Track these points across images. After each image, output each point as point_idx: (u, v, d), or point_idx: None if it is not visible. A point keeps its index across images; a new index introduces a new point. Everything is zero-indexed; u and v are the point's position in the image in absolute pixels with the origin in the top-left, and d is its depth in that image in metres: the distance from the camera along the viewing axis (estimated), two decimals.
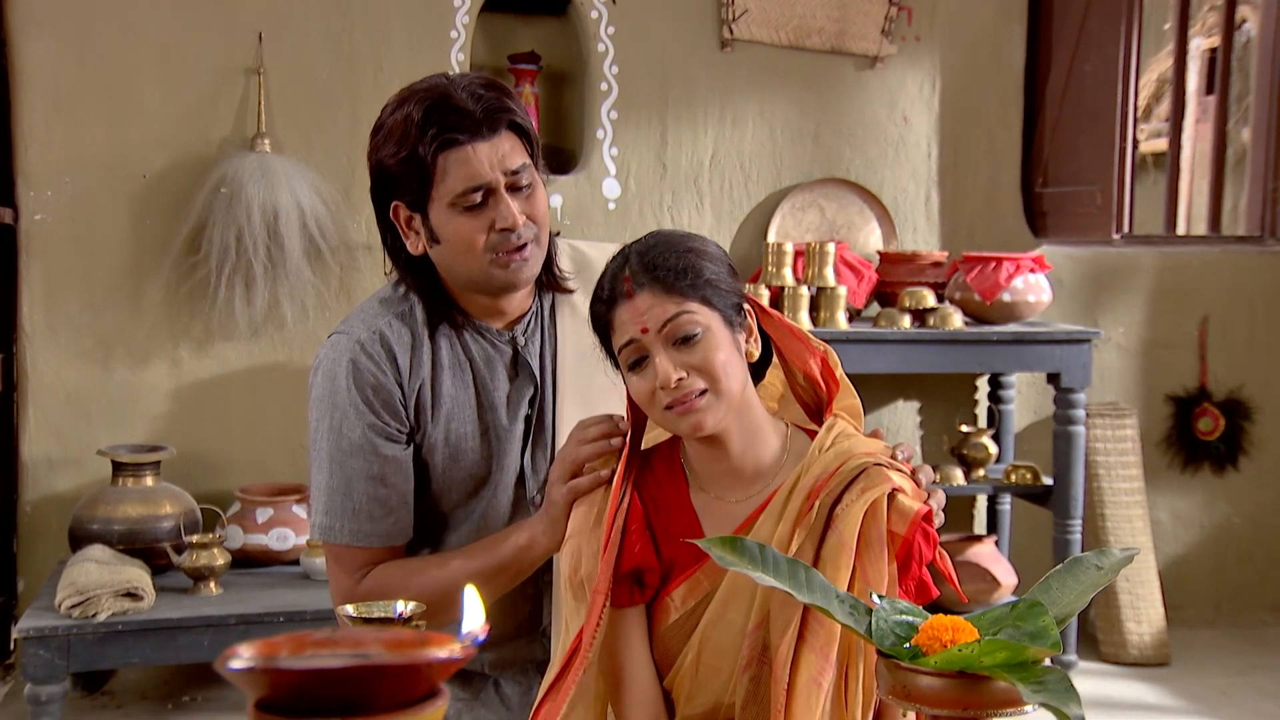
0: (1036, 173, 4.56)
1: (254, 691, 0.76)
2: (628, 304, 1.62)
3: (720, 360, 1.61)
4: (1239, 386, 4.73)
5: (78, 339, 3.90)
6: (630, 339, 1.62)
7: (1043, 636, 1.13)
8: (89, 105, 3.87)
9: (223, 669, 0.74)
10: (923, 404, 4.39)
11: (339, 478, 1.87)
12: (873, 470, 1.58)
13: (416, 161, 1.78)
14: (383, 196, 1.87)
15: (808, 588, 1.20)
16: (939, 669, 1.12)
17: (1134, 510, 4.47)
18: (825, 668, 1.55)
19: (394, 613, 1.45)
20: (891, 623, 1.19)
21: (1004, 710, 1.11)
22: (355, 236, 4.01)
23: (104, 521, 3.59)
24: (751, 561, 1.22)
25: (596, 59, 4.18)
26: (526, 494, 1.95)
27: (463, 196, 1.79)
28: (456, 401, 1.91)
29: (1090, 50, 4.36)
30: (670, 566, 1.68)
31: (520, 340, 1.95)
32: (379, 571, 1.91)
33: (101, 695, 3.89)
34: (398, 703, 0.75)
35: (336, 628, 1.43)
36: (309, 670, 0.72)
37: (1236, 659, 4.40)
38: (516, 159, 1.82)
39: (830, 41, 4.33)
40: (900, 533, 1.55)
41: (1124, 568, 1.23)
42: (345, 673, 0.73)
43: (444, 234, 1.83)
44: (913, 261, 4.14)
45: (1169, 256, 4.70)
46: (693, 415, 1.60)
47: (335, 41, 4.01)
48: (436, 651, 0.75)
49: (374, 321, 1.90)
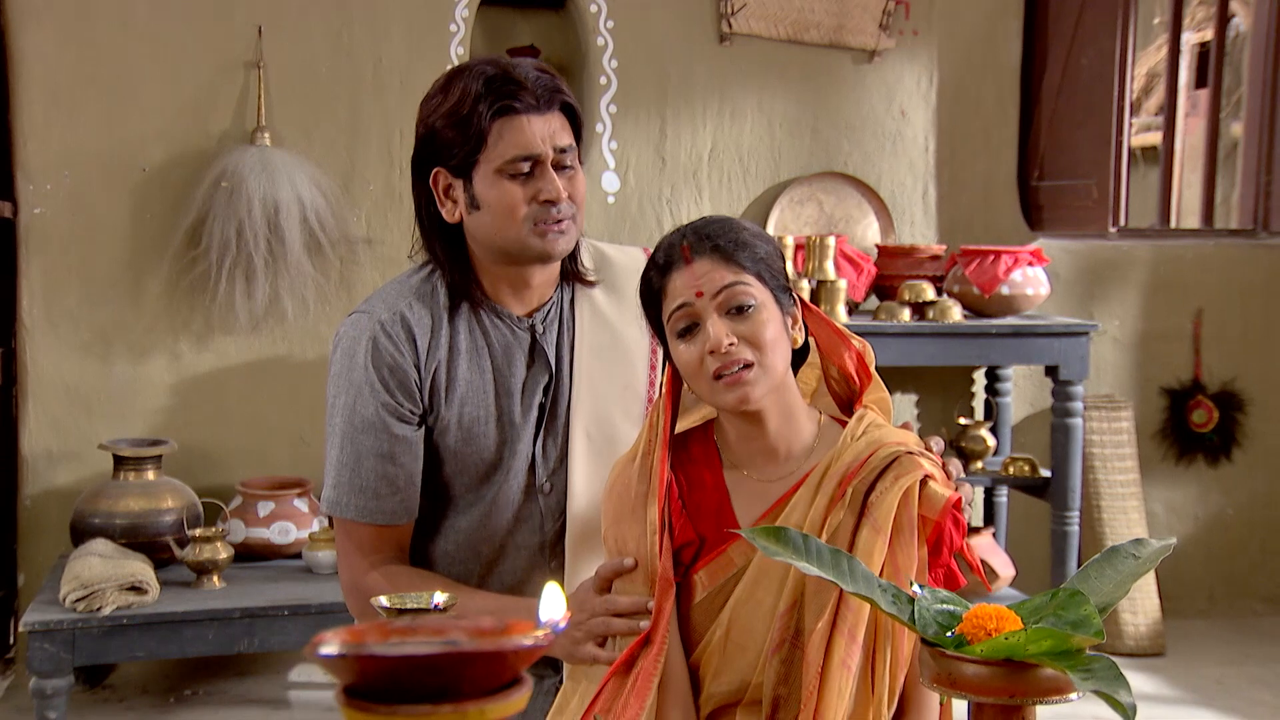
0: (1033, 166, 4.58)
1: (342, 677, 0.77)
2: (685, 269, 1.66)
3: (770, 335, 1.65)
4: (1232, 379, 4.76)
5: (77, 333, 3.89)
6: (683, 303, 1.66)
7: (1085, 625, 1.14)
8: (88, 98, 3.86)
9: (312, 655, 0.75)
10: (920, 397, 4.41)
11: (349, 453, 1.90)
12: (905, 458, 1.62)
13: (471, 125, 1.83)
14: (425, 162, 1.91)
15: (850, 577, 1.22)
16: (985, 657, 1.13)
17: (1130, 502, 4.50)
18: (854, 650, 1.58)
19: (430, 604, 1.46)
20: (933, 611, 1.21)
21: (1049, 697, 1.13)
22: (355, 230, 4.01)
23: (106, 515, 3.59)
24: (795, 551, 1.23)
25: (595, 53, 4.18)
26: (536, 481, 1.97)
27: (511, 164, 1.84)
28: (472, 386, 1.93)
29: (1086, 45, 4.38)
30: (701, 544, 1.70)
31: (539, 328, 1.98)
32: (391, 573, 1.92)
33: (103, 689, 3.88)
34: (483, 690, 0.76)
35: (379, 618, 1.44)
36: (399, 657, 0.73)
37: (1231, 649, 4.43)
38: (565, 138, 1.89)
39: (828, 35, 4.34)
40: (932, 518, 1.58)
41: (1162, 557, 1.24)
42: (435, 660, 0.74)
43: (486, 199, 1.86)
44: (911, 255, 4.16)
45: (1164, 250, 4.73)
46: (740, 388, 1.63)
47: (335, 35, 4.00)
48: (522, 638, 0.75)
49: (396, 303, 1.93)
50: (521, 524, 1.98)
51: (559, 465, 1.97)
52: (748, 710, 1.68)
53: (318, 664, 0.76)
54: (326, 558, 3.64)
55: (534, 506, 1.97)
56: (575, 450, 1.95)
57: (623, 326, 2.01)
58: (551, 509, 1.98)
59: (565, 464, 1.96)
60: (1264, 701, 3.95)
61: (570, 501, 1.95)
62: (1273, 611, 4.83)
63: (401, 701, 0.75)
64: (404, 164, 4.05)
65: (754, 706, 1.67)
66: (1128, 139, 4.37)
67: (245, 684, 3.92)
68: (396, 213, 4.07)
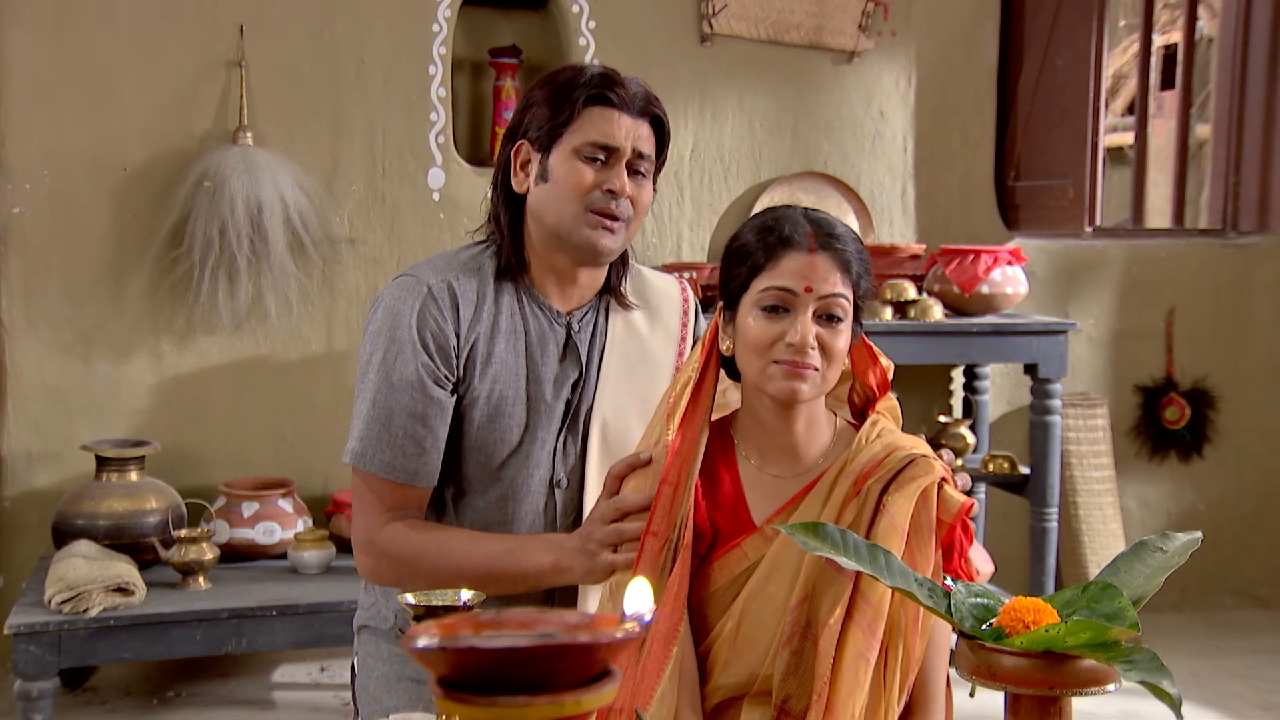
0: (1009, 166, 4.63)
1: (435, 669, 0.78)
2: (806, 256, 1.68)
3: (841, 349, 1.70)
4: (1203, 376, 4.83)
5: (58, 333, 3.86)
6: (788, 287, 1.68)
7: (1120, 617, 1.17)
8: (68, 97, 3.83)
9: (408, 648, 0.76)
10: (900, 395, 4.43)
11: (381, 408, 1.94)
12: (922, 461, 1.67)
13: (565, 103, 1.93)
14: (515, 134, 2.00)
15: (889, 572, 1.24)
16: (1024, 649, 1.15)
17: (1105, 498, 4.55)
18: (872, 644, 1.60)
19: (458, 601, 1.47)
20: (969, 605, 1.23)
21: (1088, 688, 1.15)
22: (338, 230, 4.00)
23: (89, 517, 3.57)
24: (834, 546, 1.26)
25: (577, 53, 4.19)
26: (555, 475, 2.01)
27: (589, 147, 1.92)
28: (506, 364, 1.98)
29: (1061, 47, 4.43)
30: (715, 536, 1.72)
31: (575, 326, 2.03)
32: (404, 529, 1.94)
33: (84, 692, 3.86)
34: (575, 681, 0.77)
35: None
36: (498, 649, 0.74)
37: (1204, 643, 4.50)
38: (647, 147, 1.97)
39: (808, 36, 4.37)
40: (947, 521, 1.62)
41: (1191, 550, 1.27)
42: (531, 652, 0.75)
43: (555, 174, 1.94)
44: (891, 254, 4.19)
45: (1137, 249, 4.79)
46: (797, 381, 1.67)
47: (317, 35, 3.99)
48: (614, 631, 0.77)
49: (444, 272, 1.98)
50: (537, 515, 2.02)
51: (577, 462, 2.02)
52: (754, 702, 1.70)
53: (412, 656, 0.77)
54: (312, 558, 3.63)
55: (551, 499, 2.02)
56: (591, 450, 2.00)
57: (652, 343, 2.08)
58: (566, 505, 2.03)
59: (583, 462, 2.01)
60: (1237, 693, 4.02)
61: (585, 499, 2.00)
62: (1243, 605, 4.91)
63: (493, 693, 0.76)
64: (387, 163, 4.05)
65: (761, 698, 1.69)
66: (1103, 140, 4.42)
67: (229, 685, 3.91)
68: (379, 212, 4.06)
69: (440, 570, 1.88)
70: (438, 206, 4.09)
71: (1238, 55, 4.86)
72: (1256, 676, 4.17)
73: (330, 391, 4.04)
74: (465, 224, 4.07)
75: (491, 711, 0.74)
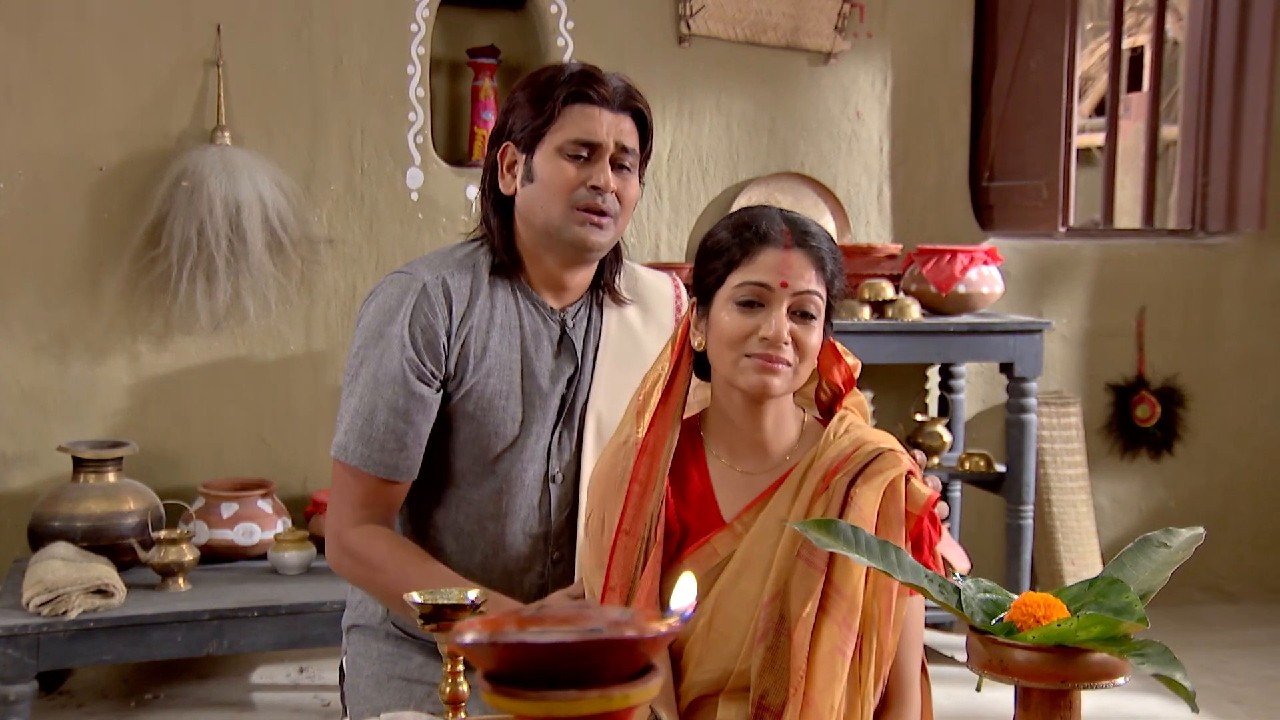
0: (983, 167, 4.67)
1: (481, 664, 0.79)
2: (781, 252, 1.70)
3: (814, 346, 1.72)
4: (1174, 375, 4.89)
5: (33, 333, 3.83)
6: (764, 282, 1.70)
7: (1128, 611, 1.19)
8: (42, 96, 3.80)
9: (455, 641, 0.77)
10: (876, 394, 4.48)
11: (366, 403, 1.96)
12: (889, 454, 1.70)
13: (546, 102, 1.95)
14: (500, 136, 2.02)
15: (899, 568, 1.25)
16: (1036, 643, 1.17)
17: (1079, 496, 4.60)
18: (849, 637, 1.63)
19: (466, 600, 1.48)
20: (979, 600, 1.25)
21: (1099, 681, 1.17)
22: (317, 230, 3.99)
23: (66, 519, 3.54)
24: (845, 543, 1.27)
25: (556, 53, 4.20)
26: (550, 469, 2.03)
27: (571, 144, 1.94)
28: (500, 359, 2.00)
29: (1034, 48, 4.47)
30: (685, 533, 1.73)
31: (569, 322, 2.05)
32: (372, 534, 1.97)
33: (60, 695, 3.83)
34: (619, 676, 0.78)
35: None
36: (547, 645, 0.75)
37: (1174, 638, 4.50)
38: (630, 140, 1.99)
39: (785, 37, 4.39)
40: (915, 513, 1.65)
41: (1194, 546, 1.29)
42: (579, 647, 0.76)
43: (540, 174, 1.96)
44: (868, 254, 4.22)
45: (1108, 249, 4.84)
46: (769, 375, 1.69)
47: (295, 34, 3.98)
48: (659, 626, 0.78)
49: (439, 269, 2.01)
50: (532, 510, 2.03)
51: (572, 457, 2.04)
52: (730, 698, 1.71)
53: (460, 651, 0.78)
54: (292, 558, 3.62)
55: (545, 494, 2.03)
56: (586, 445, 2.02)
57: (646, 338, 2.10)
58: (560, 500, 2.04)
59: (578, 457, 2.03)
60: (1207, 687, 4.06)
61: (580, 494, 2.03)
62: (1212, 600, 4.97)
63: (539, 687, 0.77)
64: (365, 163, 4.04)
65: (736, 694, 1.70)
66: (1075, 140, 4.47)
67: (207, 687, 3.89)
68: (358, 212, 4.05)
69: (391, 588, 1.89)
70: (416, 206, 4.09)
71: (1205, 57, 4.92)
72: (1226, 670, 4.23)
73: (309, 392, 4.03)
74: (444, 224, 4.07)
75: (543, 706, 0.75)
